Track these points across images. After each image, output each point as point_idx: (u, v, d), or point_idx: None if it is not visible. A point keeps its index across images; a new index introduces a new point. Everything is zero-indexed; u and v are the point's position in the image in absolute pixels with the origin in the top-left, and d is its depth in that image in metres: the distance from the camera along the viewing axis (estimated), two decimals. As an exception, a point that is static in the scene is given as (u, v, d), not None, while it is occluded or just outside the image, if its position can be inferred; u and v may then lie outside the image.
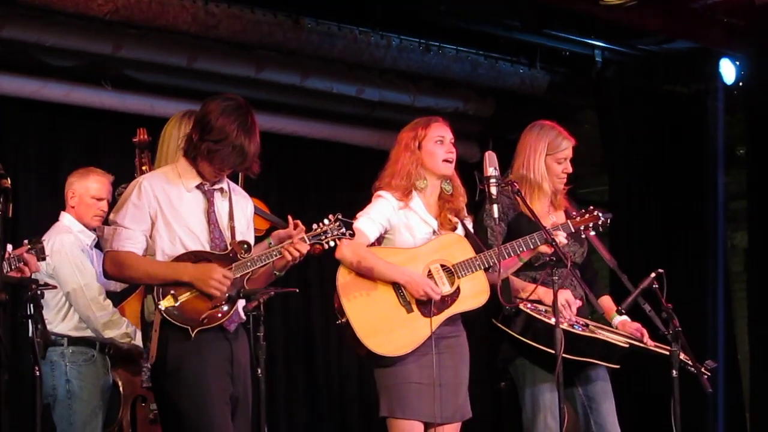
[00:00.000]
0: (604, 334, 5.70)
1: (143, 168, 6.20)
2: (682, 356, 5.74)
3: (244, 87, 8.32)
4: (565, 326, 5.51)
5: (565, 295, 5.60)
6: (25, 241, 5.50)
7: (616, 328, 5.85)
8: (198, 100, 5.15)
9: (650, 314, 5.77)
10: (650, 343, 5.82)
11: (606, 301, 5.99)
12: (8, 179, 3.91)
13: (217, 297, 4.92)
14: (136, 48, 7.97)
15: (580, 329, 5.62)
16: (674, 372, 5.57)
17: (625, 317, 5.88)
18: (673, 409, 5.58)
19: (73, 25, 7.67)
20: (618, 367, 5.76)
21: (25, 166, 8.04)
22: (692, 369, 5.77)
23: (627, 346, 5.71)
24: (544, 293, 5.64)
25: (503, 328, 5.65)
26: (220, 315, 4.94)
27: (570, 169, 5.93)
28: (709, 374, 5.85)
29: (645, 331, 5.85)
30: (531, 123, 6.01)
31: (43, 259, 5.46)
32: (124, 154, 6.77)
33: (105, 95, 8.25)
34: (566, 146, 5.90)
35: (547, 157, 5.86)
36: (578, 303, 5.71)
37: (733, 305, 9.71)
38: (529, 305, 5.58)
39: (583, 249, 5.94)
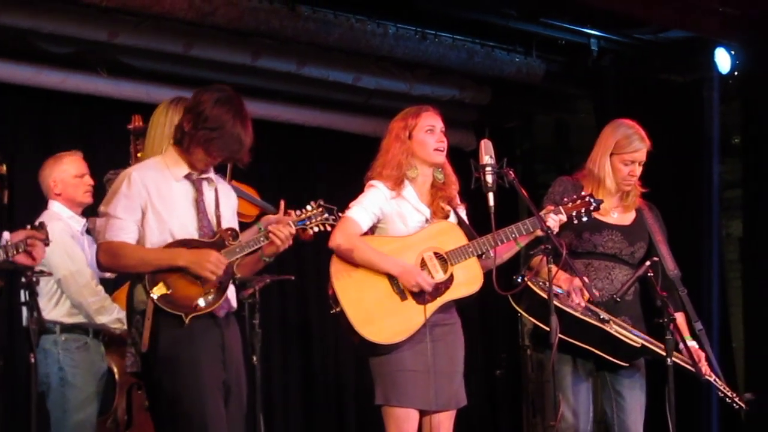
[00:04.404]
0: (616, 329, 5.67)
1: (138, 155, 6.19)
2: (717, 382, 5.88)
3: (240, 74, 8.31)
4: (569, 310, 5.57)
5: (576, 282, 5.62)
6: (28, 227, 5.47)
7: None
8: (194, 87, 5.15)
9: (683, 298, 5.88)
10: (705, 369, 5.79)
11: (679, 319, 5.81)
12: (4, 165, 3.90)
13: (211, 280, 4.92)
14: (132, 35, 7.94)
15: (588, 317, 5.64)
16: (669, 360, 5.56)
17: (694, 343, 5.85)
18: (668, 397, 5.58)
19: (69, 12, 7.64)
20: (626, 365, 5.75)
21: (20, 152, 8.02)
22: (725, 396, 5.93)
23: (639, 345, 5.68)
24: (563, 278, 5.66)
25: (516, 306, 5.70)
26: (210, 299, 4.93)
27: (636, 173, 5.87)
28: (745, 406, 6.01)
29: (702, 355, 5.85)
30: (612, 120, 6.01)
31: (47, 245, 5.42)
32: (118, 141, 6.76)
33: (100, 82, 8.23)
34: (635, 149, 5.84)
35: (613, 156, 5.84)
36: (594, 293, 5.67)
37: (728, 294, 9.71)
38: (536, 281, 5.59)
39: (633, 248, 5.90)
